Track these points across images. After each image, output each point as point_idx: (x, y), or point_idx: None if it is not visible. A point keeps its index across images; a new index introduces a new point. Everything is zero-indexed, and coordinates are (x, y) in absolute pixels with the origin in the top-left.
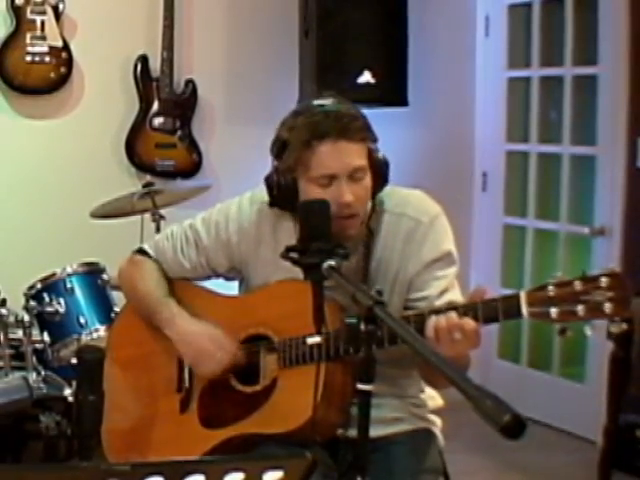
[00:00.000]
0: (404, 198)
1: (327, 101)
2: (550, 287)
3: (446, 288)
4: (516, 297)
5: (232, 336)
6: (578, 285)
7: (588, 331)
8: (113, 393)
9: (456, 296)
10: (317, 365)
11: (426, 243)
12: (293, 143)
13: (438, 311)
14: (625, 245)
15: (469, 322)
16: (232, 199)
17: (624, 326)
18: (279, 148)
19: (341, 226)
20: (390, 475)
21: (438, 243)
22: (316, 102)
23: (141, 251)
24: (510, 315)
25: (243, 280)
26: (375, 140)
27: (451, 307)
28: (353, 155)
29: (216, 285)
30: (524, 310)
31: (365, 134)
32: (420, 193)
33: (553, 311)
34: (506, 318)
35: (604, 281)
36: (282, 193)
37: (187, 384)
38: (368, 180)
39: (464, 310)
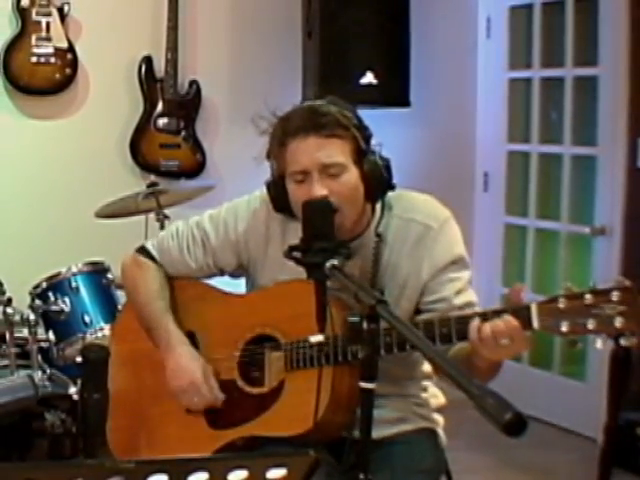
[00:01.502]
0: (413, 203)
1: (315, 102)
2: (561, 299)
3: (461, 289)
4: (527, 309)
5: (235, 342)
6: (589, 298)
7: (598, 344)
8: (117, 391)
9: (472, 297)
10: (319, 370)
11: (437, 248)
12: (272, 142)
13: (447, 319)
14: (625, 244)
15: (513, 323)
16: (241, 198)
17: (634, 340)
18: (267, 149)
19: None
20: (392, 474)
21: (450, 248)
22: (306, 103)
23: (144, 250)
24: (522, 327)
25: (249, 278)
26: (366, 138)
27: (462, 316)
28: (325, 150)
29: (222, 283)
30: (535, 322)
31: (342, 130)
32: (429, 198)
33: (563, 324)
34: None
35: (615, 295)
36: (278, 195)
37: None
38: (350, 177)
39: (479, 318)
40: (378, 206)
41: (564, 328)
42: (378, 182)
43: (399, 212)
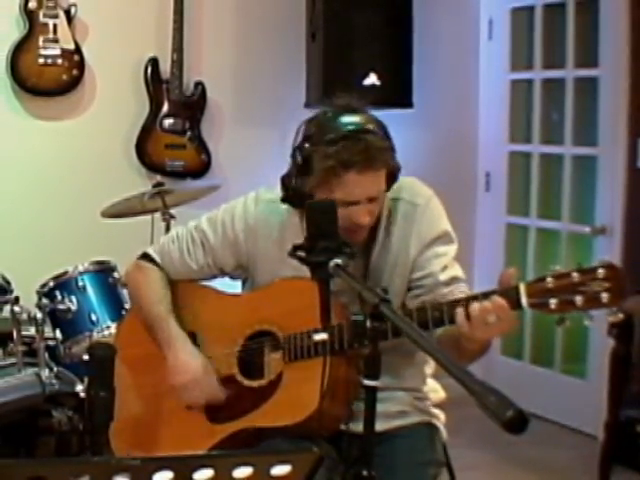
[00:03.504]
0: (398, 184)
1: (352, 118)
2: (549, 279)
3: (447, 264)
4: (516, 289)
5: (235, 340)
6: (576, 276)
7: (587, 321)
8: (121, 391)
9: (459, 272)
10: (324, 359)
11: (424, 223)
12: (318, 166)
13: (440, 305)
14: (626, 244)
15: (500, 301)
16: (236, 199)
17: (621, 315)
18: (302, 163)
19: (350, 237)
20: (394, 467)
21: (435, 223)
22: (343, 119)
23: (147, 256)
24: (511, 306)
25: (248, 279)
26: (393, 151)
27: (453, 301)
28: (376, 185)
29: (221, 285)
30: (524, 301)
31: (388, 161)
32: (412, 178)
33: (552, 302)
34: None
35: (601, 272)
36: (297, 196)
37: None
38: (384, 196)
39: (466, 302)
40: None
41: (553, 305)
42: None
43: (387, 194)
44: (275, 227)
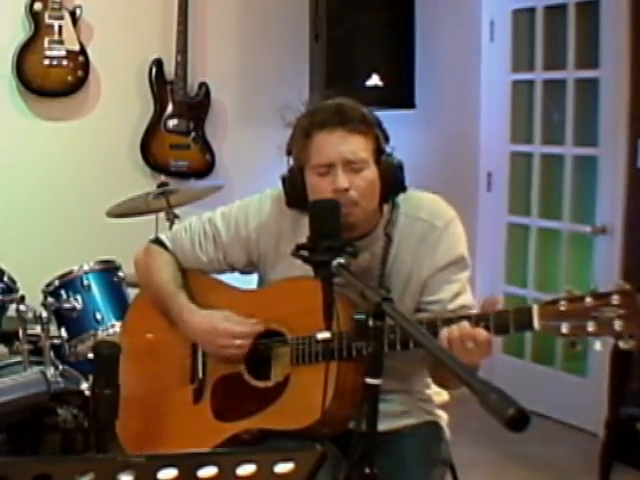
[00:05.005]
0: (419, 202)
1: (339, 99)
2: (562, 302)
3: (459, 292)
4: (528, 310)
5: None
6: (589, 301)
7: (597, 346)
8: (127, 383)
9: (468, 300)
10: (326, 365)
11: (440, 247)
12: (296, 134)
13: (450, 320)
14: (626, 243)
15: (482, 332)
16: (252, 196)
17: (633, 343)
18: (288, 143)
19: (343, 219)
20: (400, 467)
21: (452, 247)
22: (325, 101)
23: (158, 241)
24: (521, 327)
25: (260, 275)
26: (385, 138)
27: (463, 316)
28: (350, 145)
29: (233, 279)
30: (536, 323)
31: (366, 127)
32: (436, 197)
33: (564, 326)
34: (517, 330)
35: (615, 298)
36: (294, 190)
37: (200, 375)
38: (370, 174)
39: (476, 320)
40: (386, 206)
41: (564, 330)
42: (393, 182)
43: (406, 210)
44: (288, 227)
